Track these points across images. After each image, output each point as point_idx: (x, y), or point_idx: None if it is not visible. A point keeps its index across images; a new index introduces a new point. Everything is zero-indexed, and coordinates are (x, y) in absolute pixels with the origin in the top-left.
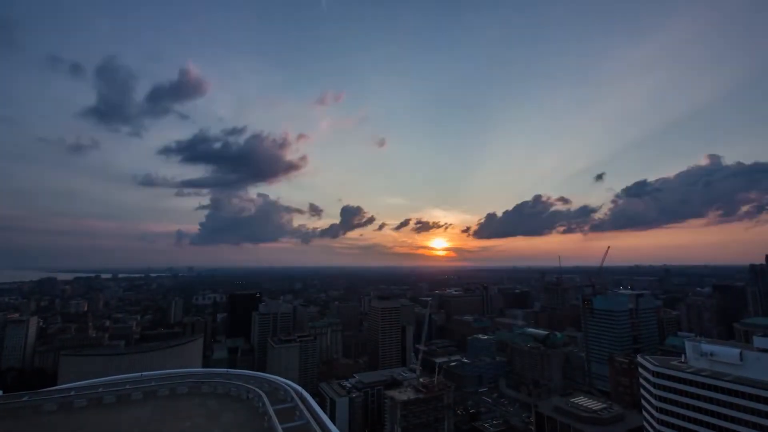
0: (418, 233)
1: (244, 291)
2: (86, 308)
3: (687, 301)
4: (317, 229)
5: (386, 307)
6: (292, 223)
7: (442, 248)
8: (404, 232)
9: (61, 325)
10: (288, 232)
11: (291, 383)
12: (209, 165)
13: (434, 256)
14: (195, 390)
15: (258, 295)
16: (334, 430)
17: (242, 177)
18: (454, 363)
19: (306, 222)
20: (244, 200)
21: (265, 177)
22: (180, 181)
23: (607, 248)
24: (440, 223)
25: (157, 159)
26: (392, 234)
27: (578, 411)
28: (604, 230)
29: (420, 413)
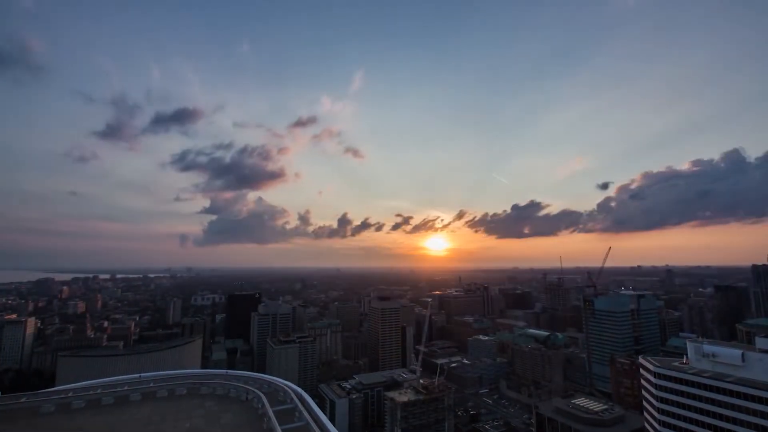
0: (416, 233)
1: (243, 292)
2: (84, 309)
3: (689, 301)
4: (317, 230)
5: (386, 308)
6: (290, 225)
7: (442, 249)
8: (404, 232)
9: (59, 325)
10: (287, 233)
11: (290, 384)
12: (204, 173)
13: (434, 257)
14: (194, 391)
15: (257, 295)
16: (334, 431)
17: (237, 184)
18: (454, 364)
19: (303, 225)
20: (242, 203)
21: (256, 185)
22: (178, 188)
23: (609, 249)
24: (439, 224)
25: (158, 168)
26: (392, 235)
27: (579, 412)
28: (605, 231)
29: (420, 414)
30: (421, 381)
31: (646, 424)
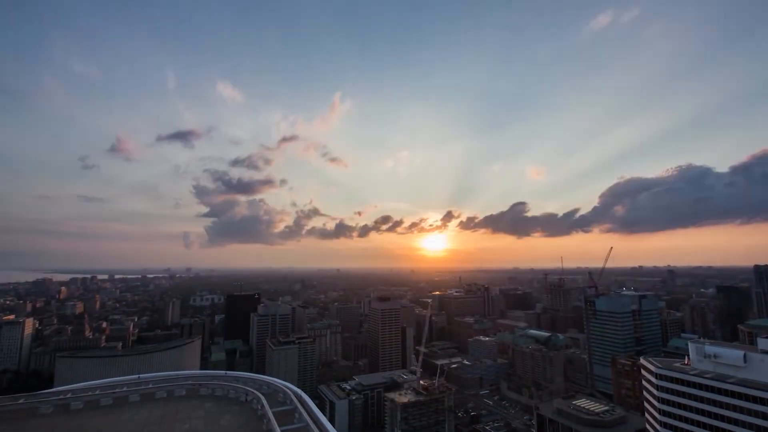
0: (416, 234)
1: (243, 292)
2: (83, 309)
3: (691, 302)
4: (317, 231)
5: (386, 309)
6: (290, 226)
7: (442, 249)
8: (404, 233)
9: (57, 326)
10: (287, 234)
11: (290, 385)
12: (203, 179)
13: (434, 257)
14: (193, 392)
15: (256, 296)
16: None
17: (234, 189)
18: (455, 365)
19: (303, 226)
20: (241, 206)
21: (251, 190)
22: (178, 192)
23: (610, 249)
24: (438, 225)
25: (157, 175)
26: (392, 236)
27: (580, 413)
28: (607, 232)
29: (420, 416)
30: (421, 382)
31: (648, 426)
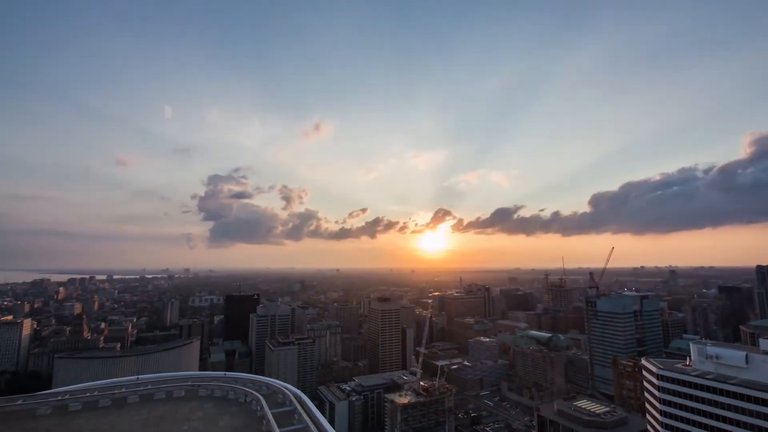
0: (416, 234)
1: (242, 293)
2: (81, 310)
3: (692, 303)
4: (317, 232)
5: (386, 309)
6: (290, 227)
7: (442, 250)
8: (404, 234)
9: (56, 327)
10: (287, 235)
11: (289, 386)
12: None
13: (435, 258)
14: (192, 393)
15: (255, 297)
16: None
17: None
18: (455, 366)
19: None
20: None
21: (249, 195)
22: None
23: (611, 249)
24: (439, 225)
25: (157, 182)
26: (392, 236)
27: (581, 415)
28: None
29: (421, 417)
30: (421, 383)
31: (649, 427)
